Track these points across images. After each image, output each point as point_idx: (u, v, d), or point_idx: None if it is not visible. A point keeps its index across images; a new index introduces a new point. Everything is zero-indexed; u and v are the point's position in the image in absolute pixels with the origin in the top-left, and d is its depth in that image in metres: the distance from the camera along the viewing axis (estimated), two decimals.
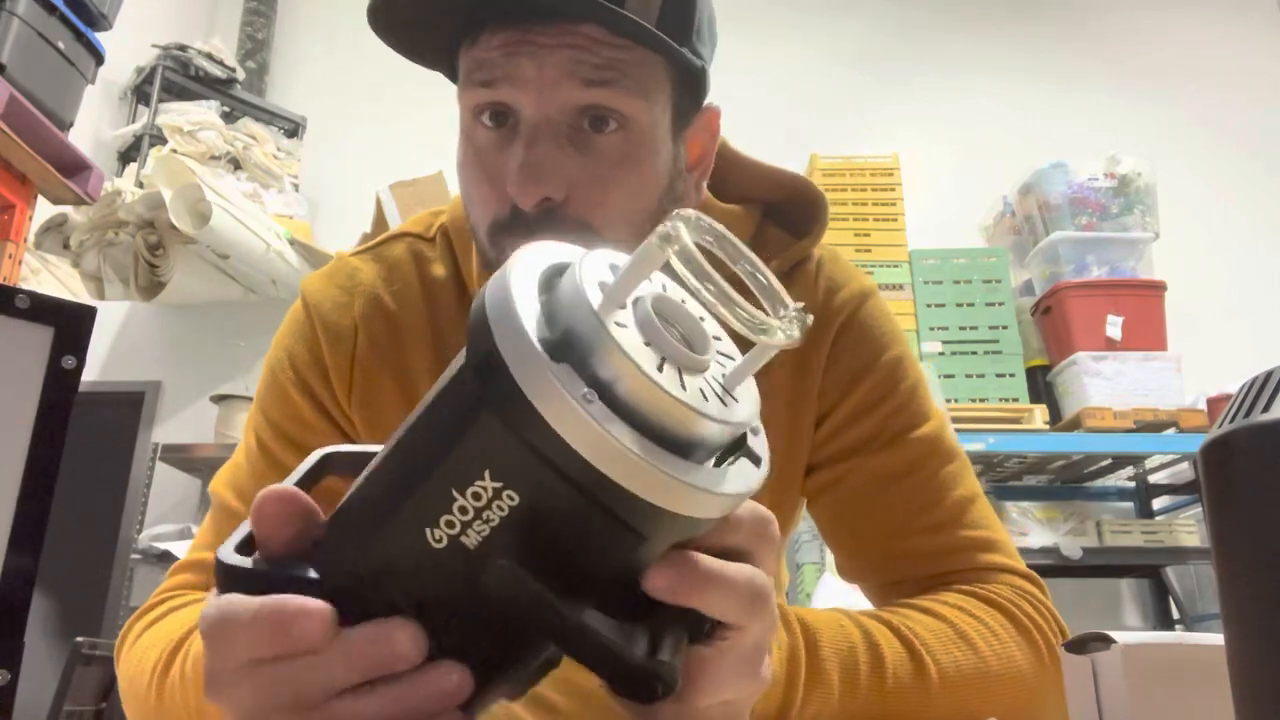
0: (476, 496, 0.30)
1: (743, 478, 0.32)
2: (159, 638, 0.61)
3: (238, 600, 0.33)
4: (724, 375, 0.32)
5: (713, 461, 0.32)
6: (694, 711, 0.36)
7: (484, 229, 0.61)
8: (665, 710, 0.35)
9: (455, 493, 0.30)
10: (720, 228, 0.31)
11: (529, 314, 0.29)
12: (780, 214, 0.73)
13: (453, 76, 0.65)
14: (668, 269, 0.30)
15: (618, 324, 0.29)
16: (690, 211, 0.30)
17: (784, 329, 0.30)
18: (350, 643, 0.32)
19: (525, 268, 0.31)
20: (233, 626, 0.32)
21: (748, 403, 0.33)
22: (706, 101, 0.66)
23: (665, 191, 0.63)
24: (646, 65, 0.58)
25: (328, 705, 0.32)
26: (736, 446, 0.33)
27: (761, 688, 0.39)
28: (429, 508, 0.31)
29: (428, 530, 0.31)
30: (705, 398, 0.30)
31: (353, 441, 0.68)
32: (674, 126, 0.62)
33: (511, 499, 0.30)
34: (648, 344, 0.30)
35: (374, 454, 0.36)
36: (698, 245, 0.30)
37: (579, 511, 0.29)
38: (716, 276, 0.29)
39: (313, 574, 0.33)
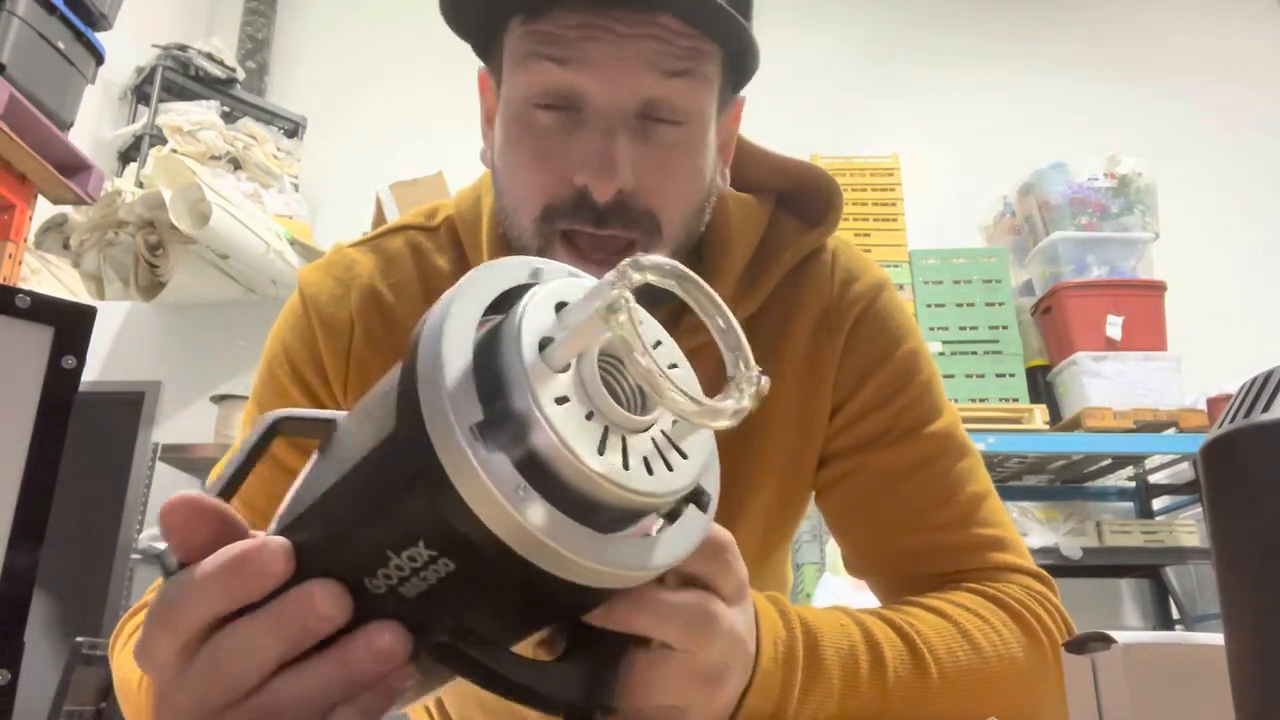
0: (412, 559, 0.30)
1: (686, 533, 0.32)
2: None
3: (190, 568, 0.32)
4: (675, 423, 0.31)
5: (659, 524, 0.32)
6: (638, 712, 0.37)
7: (533, 211, 0.59)
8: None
9: (391, 554, 0.30)
10: (688, 272, 0.30)
11: (460, 392, 0.28)
12: (794, 203, 0.72)
13: (483, 50, 0.63)
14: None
15: (557, 400, 0.28)
16: (651, 258, 0.29)
17: (735, 404, 0.29)
18: (273, 608, 0.31)
19: (463, 315, 0.30)
20: (192, 586, 0.32)
21: (698, 453, 0.32)
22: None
23: (711, 179, 0.63)
24: (711, 57, 0.59)
25: (266, 687, 0.32)
26: (686, 498, 0.33)
27: (719, 701, 0.39)
28: (367, 561, 0.31)
29: (366, 579, 0.31)
30: (649, 469, 0.30)
31: None
32: (718, 114, 0.63)
33: (447, 566, 0.30)
34: (589, 416, 0.29)
35: (326, 420, 0.35)
36: (661, 286, 0.30)
37: (514, 583, 0.29)
38: (652, 362, 0.27)
39: None
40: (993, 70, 3.86)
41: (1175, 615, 3.12)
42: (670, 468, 0.30)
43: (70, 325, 0.38)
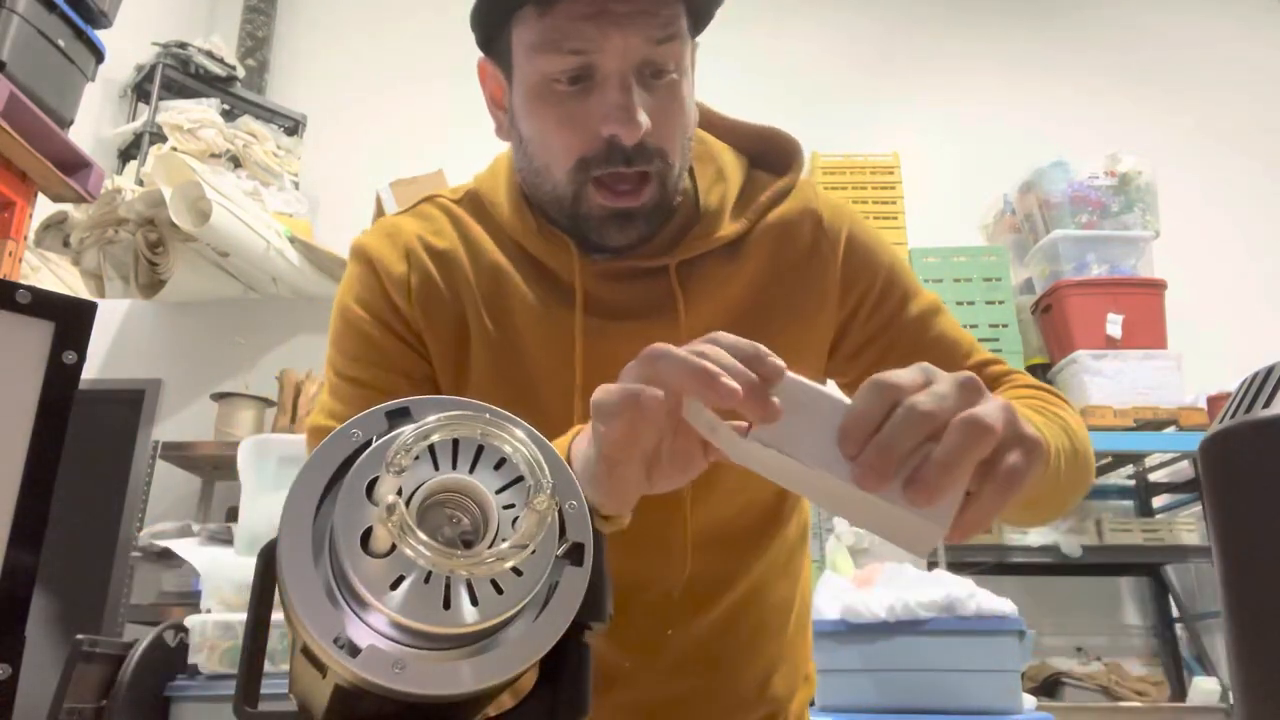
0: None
1: (568, 595, 0.37)
2: None
3: None
4: (514, 520, 0.36)
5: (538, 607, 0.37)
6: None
7: (567, 165, 0.72)
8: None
9: None
10: (462, 422, 0.37)
11: (318, 612, 0.35)
12: (762, 162, 0.87)
13: (487, 42, 0.76)
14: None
15: (392, 585, 0.34)
16: (402, 443, 0.36)
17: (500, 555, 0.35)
18: None
19: (293, 537, 0.36)
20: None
21: (538, 560, 0.36)
22: None
23: (694, 113, 0.76)
24: (681, 15, 0.72)
25: None
26: (568, 554, 0.38)
27: (1014, 422, 0.44)
28: None
29: None
30: (500, 589, 0.35)
31: (425, 359, 0.79)
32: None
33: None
34: (428, 579, 0.34)
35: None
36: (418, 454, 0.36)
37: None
38: (422, 539, 0.34)
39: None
40: (993, 69, 3.86)
41: (1175, 613, 3.12)
42: (520, 573, 0.36)
43: (71, 320, 0.38)
